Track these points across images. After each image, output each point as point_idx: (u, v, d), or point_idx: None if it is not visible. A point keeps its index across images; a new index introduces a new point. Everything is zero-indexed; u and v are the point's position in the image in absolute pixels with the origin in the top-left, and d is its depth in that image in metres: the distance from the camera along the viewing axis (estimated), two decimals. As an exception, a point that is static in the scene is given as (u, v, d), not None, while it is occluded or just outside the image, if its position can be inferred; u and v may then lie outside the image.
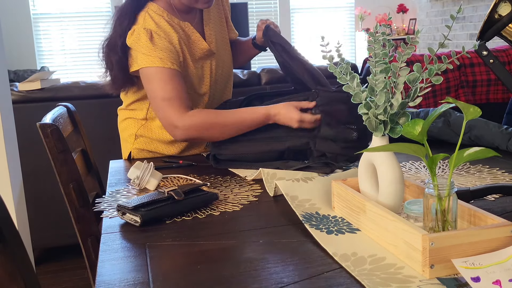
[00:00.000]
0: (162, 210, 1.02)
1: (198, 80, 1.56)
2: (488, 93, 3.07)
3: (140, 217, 0.98)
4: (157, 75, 1.42)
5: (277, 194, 1.15)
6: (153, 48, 1.43)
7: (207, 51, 1.57)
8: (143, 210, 0.99)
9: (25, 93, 2.59)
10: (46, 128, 1.29)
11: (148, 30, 1.44)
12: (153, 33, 1.44)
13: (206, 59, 1.58)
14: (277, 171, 1.24)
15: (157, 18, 1.48)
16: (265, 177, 1.22)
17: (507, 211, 0.98)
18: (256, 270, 0.77)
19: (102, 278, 0.78)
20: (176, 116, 1.41)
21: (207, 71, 1.58)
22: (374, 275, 0.73)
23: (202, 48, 1.56)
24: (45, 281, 2.55)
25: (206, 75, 1.58)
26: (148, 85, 1.45)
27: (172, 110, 1.41)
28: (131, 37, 1.45)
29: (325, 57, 0.96)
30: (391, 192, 0.89)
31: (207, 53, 1.57)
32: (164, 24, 1.48)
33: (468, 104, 0.77)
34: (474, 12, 5.00)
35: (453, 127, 1.50)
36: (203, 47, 1.56)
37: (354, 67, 2.98)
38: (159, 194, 1.05)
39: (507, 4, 1.02)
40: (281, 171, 1.25)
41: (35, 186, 2.61)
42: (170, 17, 1.51)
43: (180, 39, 1.50)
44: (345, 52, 6.53)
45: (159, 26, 1.47)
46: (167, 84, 1.42)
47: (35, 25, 5.79)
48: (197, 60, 1.55)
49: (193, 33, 1.54)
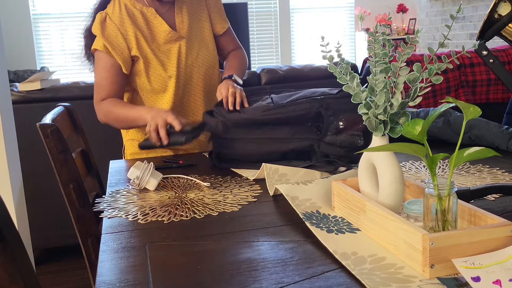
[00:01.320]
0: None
1: (162, 62, 1.62)
2: (488, 92, 3.07)
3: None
4: (100, 61, 1.59)
5: (276, 194, 1.15)
6: (102, 33, 1.57)
7: (171, 33, 1.63)
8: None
9: (25, 93, 2.59)
10: (46, 128, 1.29)
11: (103, 14, 1.59)
12: (107, 17, 1.59)
13: (173, 43, 1.64)
14: (280, 167, 1.24)
15: (119, 5, 1.61)
16: (267, 171, 1.22)
17: (507, 210, 0.98)
18: (256, 270, 0.77)
19: (102, 278, 0.78)
20: (96, 101, 1.61)
21: (174, 54, 1.63)
22: (374, 274, 0.73)
23: (164, 30, 1.63)
24: (45, 282, 2.55)
25: (172, 58, 1.63)
26: (95, 67, 1.63)
27: (97, 95, 1.61)
28: (94, 22, 1.60)
29: (325, 57, 0.96)
30: (391, 192, 0.89)
31: (172, 36, 1.63)
32: (125, 11, 1.60)
33: (468, 104, 0.77)
34: (474, 12, 5.00)
35: (454, 126, 1.50)
36: (165, 29, 1.63)
37: (354, 67, 2.98)
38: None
39: (506, 3, 1.02)
40: (283, 167, 1.25)
41: (35, 186, 2.61)
42: (133, 2, 1.63)
43: (139, 24, 1.61)
44: (345, 52, 6.53)
45: (115, 12, 1.60)
46: (103, 72, 1.59)
47: (35, 25, 5.79)
48: (163, 43, 1.63)
49: (156, 18, 1.63)
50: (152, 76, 1.61)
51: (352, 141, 1.31)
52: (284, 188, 1.07)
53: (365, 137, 1.31)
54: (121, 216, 1.06)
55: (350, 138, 1.31)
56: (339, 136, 1.32)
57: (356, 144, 1.31)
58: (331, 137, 1.32)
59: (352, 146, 1.31)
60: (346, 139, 1.31)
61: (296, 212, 0.98)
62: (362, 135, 1.31)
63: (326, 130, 1.33)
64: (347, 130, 1.32)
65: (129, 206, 1.13)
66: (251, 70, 2.92)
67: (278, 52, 6.42)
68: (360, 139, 1.31)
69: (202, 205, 1.11)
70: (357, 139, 1.31)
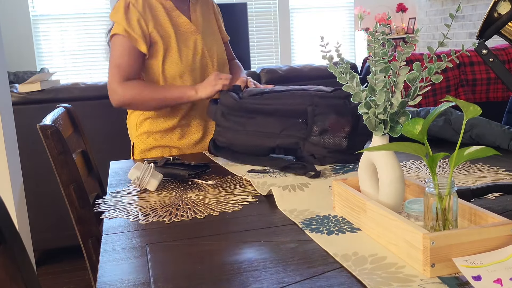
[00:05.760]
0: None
1: (181, 51, 1.65)
2: (488, 91, 3.07)
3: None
4: (119, 44, 1.59)
5: (271, 193, 1.14)
6: (125, 18, 1.58)
7: (189, 25, 1.68)
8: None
9: (25, 94, 2.59)
10: (47, 129, 1.29)
11: (127, 2, 1.60)
12: (130, 4, 1.60)
13: (190, 35, 1.68)
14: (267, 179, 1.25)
15: None
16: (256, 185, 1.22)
17: (507, 210, 0.98)
18: (257, 270, 0.77)
19: (103, 279, 0.78)
20: (116, 83, 1.58)
21: (191, 46, 1.67)
22: (375, 274, 0.73)
23: (182, 21, 1.67)
24: (46, 283, 2.55)
25: (189, 50, 1.67)
26: (111, 50, 1.62)
27: (116, 77, 1.58)
28: (112, 11, 1.61)
29: (325, 57, 0.96)
30: (391, 192, 0.89)
31: (190, 28, 1.68)
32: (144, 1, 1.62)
33: (468, 103, 0.77)
34: (474, 11, 5.00)
35: (454, 125, 1.50)
36: (183, 21, 1.67)
37: (354, 66, 2.98)
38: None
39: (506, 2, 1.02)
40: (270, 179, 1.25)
41: (35, 187, 2.61)
42: None
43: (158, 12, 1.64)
44: (344, 52, 6.53)
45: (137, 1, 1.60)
46: (123, 54, 1.59)
47: (34, 26, 5.79)
48: (182, 33, 1.67)
49: (174, 10, 1.67)
50: (167, 62, 1.64)
51: (336, 143, 1.32)
52: (280, 199, 1.08)
53: (350, 140, 1.32)
54: (122, 217, 1.06)
55: (334, 140, 1.32)
56: (324, 137, 1.33)
57: (340, 146, 1.32)
58: (315, 137, 1.34)
59: (336, 147, 1.32)
60: (331, 141, 1.33)
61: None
62: (347, 138, 1.32)
63: (311, 129, 1.34)
64: (332, 131, 1.33)
65: (130, 206, 1.13)
66: (251, 70, 2.93)
67: (277, 52, 6.42)
68: (345, 141, 1.31)
69: (203, 205, 1.11)
70: (342, 141, 1.32)
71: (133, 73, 1.61)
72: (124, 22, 1.57)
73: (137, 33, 1.58)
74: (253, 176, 1.27)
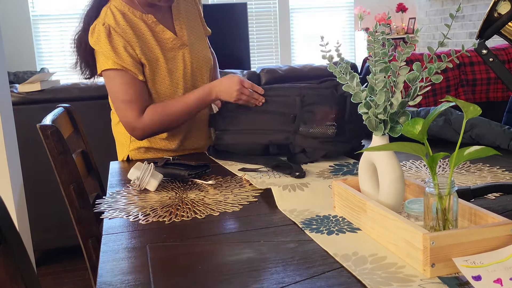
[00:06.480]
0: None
1: (170, 70, 1.59)
2: (488, 91, 3.07)
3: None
4: (117, 77, 1.50)
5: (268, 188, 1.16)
6: (112, 49, 1.48)
7: (175, 40, 1.59)
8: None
9: (25, 94, 2.59)
10: (46, 129, 1.29)
11: (107, 27, 1.49)
12: (111, 30, 1.50)
13: (178, 50, 1.60)
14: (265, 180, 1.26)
15: (118, 14, 1.52)
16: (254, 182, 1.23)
17: (507, 209, 0.98)
18: (257, 270, 0.77)
19: (103, 279, 0.78)
20: (134, 118, 1.50)
21: (180, 62, 1.61)
22: (375, 274, 0.73)
23: (168, 37, 1.59)
24: (46, 283, 2.55)
25: (179, 67, 1.60)
26: (109, 86, 1.54)
27: (131, 112, 1.50)
28: (92, 36, 1.50)
29: (325, 56, 0.96)
30: (391, 191, 0.89)
31: (176, 43, 1.60)
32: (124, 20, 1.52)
33: (468, 103, 0.77)
34: (474, 11, 5.00)
35: (455, 125, 1.50)
36: (168, 37, 1.59)
37: (354, 66, 2.98)
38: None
39: (506, 2, 1.02)
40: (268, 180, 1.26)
41: (35, 187, 2.61)
42: (132, 10, 1.55)
43: (142, 31, 1.55)
44: (344, 52, 6.52)
45: (118, 22, 1.51)
46: (127, 87, 1.50)
47: (34, 26, 5.79)
48: (168, 50, 1.59)
49: (156, 25, 1.58)
50: (157, 83, 1.57)
51: (323, 132, 1.34)
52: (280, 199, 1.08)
53: (338, 128, 1.34)
54: (122, 217, 1.06)
55: (322, 129, 1.33)
56: (312, 126, 1.35)
57: (328, 134, 1.33)
58: (304, 129, 1.35)
59: (325, 136, 1.33)
60: (318, 130, 1.34)
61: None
62: (334, 125, 1.33)
63: (299, 121, 1.35)
64: (319, 120, 1.34)
65: (130, 207, 1.13)
66: (251, 70, 2.92)
67: (277, 52, 6.42)
68: (332, 128, 1.33)
69: (203, 205, 1.11)
70: (329, 128, 1.33)
71: (145, 101, 1.53)
72: (111, 53, 1.47)
73: (130, 64, 1.49)
74: (252, 176, 1.27)
